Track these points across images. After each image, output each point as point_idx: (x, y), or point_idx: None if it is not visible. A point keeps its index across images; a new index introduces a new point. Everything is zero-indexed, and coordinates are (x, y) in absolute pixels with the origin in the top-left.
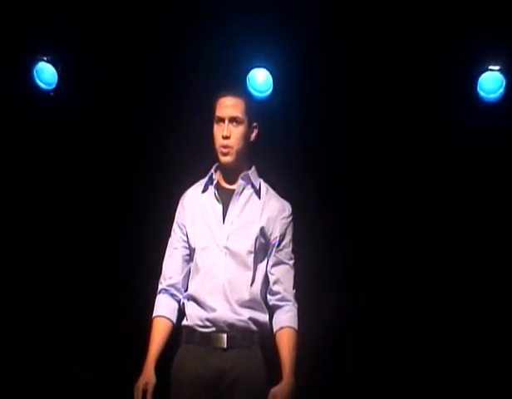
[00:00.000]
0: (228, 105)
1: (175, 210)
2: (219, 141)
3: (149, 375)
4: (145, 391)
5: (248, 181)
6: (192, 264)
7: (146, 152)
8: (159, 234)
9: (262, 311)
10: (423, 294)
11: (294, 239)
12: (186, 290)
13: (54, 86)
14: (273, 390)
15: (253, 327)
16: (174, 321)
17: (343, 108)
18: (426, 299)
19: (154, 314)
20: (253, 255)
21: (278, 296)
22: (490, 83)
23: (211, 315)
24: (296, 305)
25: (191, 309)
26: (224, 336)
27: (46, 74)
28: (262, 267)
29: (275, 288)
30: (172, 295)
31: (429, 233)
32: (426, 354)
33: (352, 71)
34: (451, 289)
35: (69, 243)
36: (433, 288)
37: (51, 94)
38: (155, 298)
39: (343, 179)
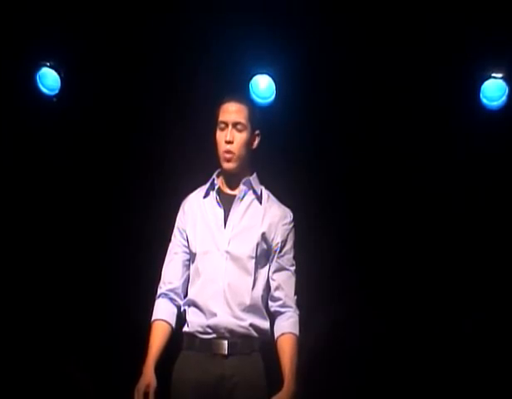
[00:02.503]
0: (232, 111)
1: (176, 215)
2: (221, 147)
3: (150, 377)
4: (146, 393)
5: (250, 187)
6: (192, 269)
7: (148, 157)
8: (159, 238)
9: (263, 317)
10: (426, 304)
11: (296, 246)
12: (186, 296)
13: (57, 91)
14: (274, 398)
15: (254, 333)
16: (174, 325)
17: (346, 115)
18: (429, 309)
19: (153, 318)
20: (254, 260)
21: (280, 302)
22: (493, 91)
23: (212, 321)
24: (297, 311)
25: (192, 316)
26: (225, 342)
27: (48, 79)
28: (263, 272)
29: (276, 294)
30: (171, 299)
31: (433, 242)
32: (426, 363)
33: (354, 78)
34: (455, 298)
35: (69, 245)
36: (436, 298)
37: (54, 99)
38: (154, 299)
39: (346, 185)
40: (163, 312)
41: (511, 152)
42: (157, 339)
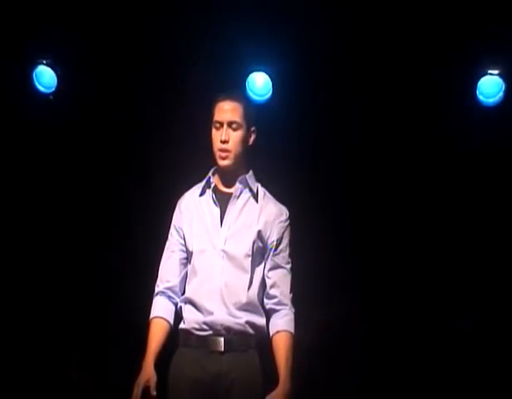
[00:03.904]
0: (227, 110)
1: (173, 213)
2: (217, 145)
3: (150, 372)
4: (147, 388)
5: (246, 185)
6: (189, 268)
7: (145, 155)
8: (156, 237)
9: (259, 314)
10: (425, 304)
11: (292, 244)
12: (183, 293)
13: (53, 89)
14: (270, 396)
15: (251, 330)
16: (172, 322)
17: (343, 112)
18: (429, 309)
19: (151, 316)
20: (250, 258)
21: (275, 300)
22: (490, 87)
23: (208, 318)
24: (293, 309)
25: (188, 313)
26: (222, 339)
27: (45, 77)
28: (259, 270)
29: (272, 291)
30: (169, 297)
31: (430, 240)
32: (426, 362)
33: (351, 76)
34: (454, 298)
35: (68, 245)
36: (436, 297)
37: (51, 97)
38: (151, 298)
39: (343, 183)
40: (161, 309)
41: (508, 149)
42: (156, 336)
